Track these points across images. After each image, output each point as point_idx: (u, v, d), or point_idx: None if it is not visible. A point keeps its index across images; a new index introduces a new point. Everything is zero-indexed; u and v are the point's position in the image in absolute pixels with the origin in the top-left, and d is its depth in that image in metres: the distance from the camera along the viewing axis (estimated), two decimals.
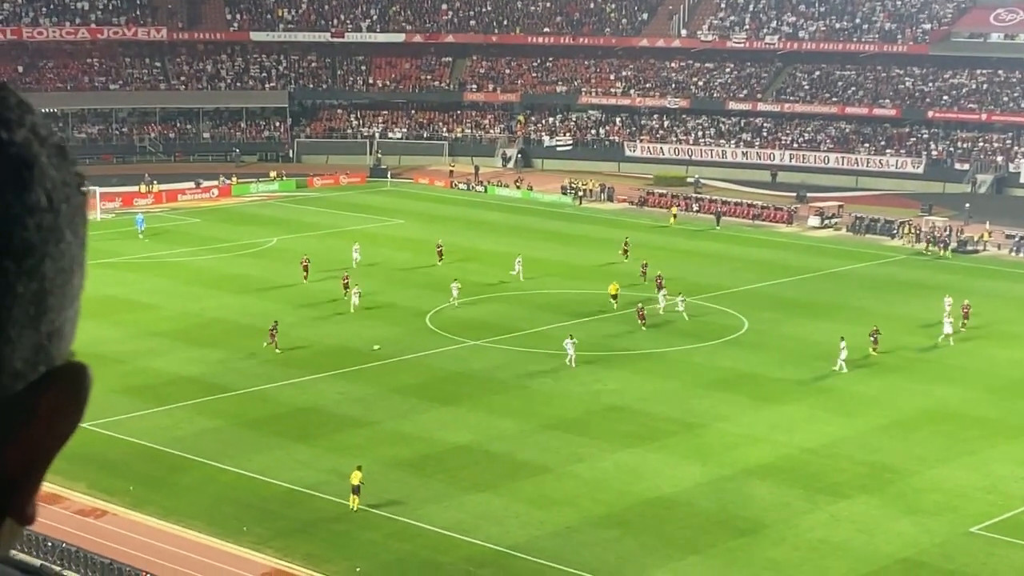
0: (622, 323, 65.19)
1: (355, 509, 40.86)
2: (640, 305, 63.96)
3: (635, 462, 46.39)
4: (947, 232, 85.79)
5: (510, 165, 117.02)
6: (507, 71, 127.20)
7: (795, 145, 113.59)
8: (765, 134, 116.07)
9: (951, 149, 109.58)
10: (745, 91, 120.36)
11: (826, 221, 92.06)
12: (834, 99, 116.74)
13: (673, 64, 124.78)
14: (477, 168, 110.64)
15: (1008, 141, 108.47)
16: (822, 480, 44.94)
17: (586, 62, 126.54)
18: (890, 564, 38.63)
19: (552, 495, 43.34)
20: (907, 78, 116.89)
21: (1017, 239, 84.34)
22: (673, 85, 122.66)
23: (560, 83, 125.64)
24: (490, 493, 43.32)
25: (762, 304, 68.94)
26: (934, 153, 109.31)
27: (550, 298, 69.84)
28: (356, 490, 40.98)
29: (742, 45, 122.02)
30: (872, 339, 58.89)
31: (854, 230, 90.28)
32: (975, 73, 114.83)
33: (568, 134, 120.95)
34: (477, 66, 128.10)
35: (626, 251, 78.72)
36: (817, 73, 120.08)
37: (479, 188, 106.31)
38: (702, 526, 41.09)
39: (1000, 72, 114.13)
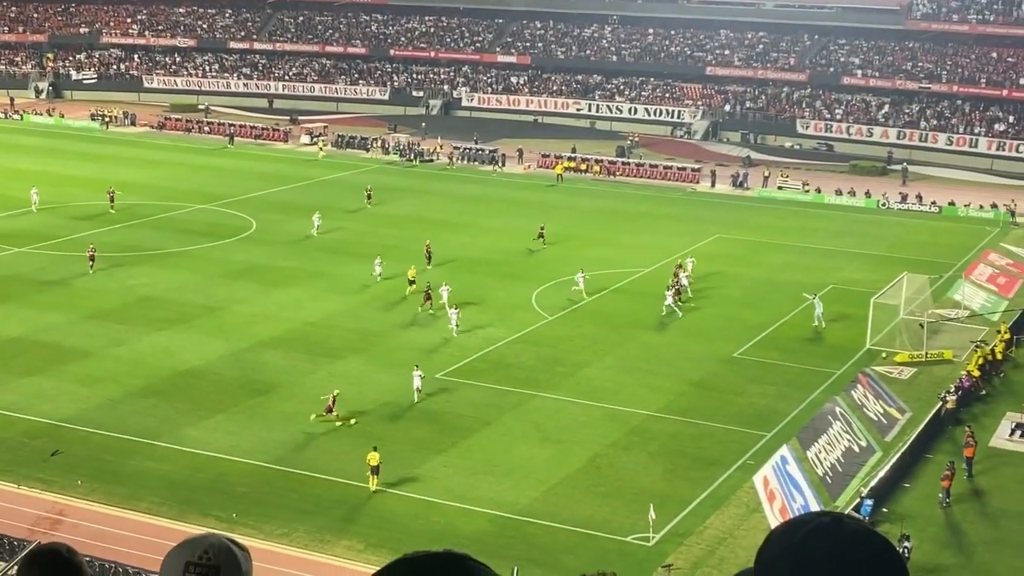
0: (145, 228, 62.64)
1: (374, 490, 33.35)
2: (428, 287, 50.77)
3: (167, 342, 45.01)
4: (410, 145, 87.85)
5: (43, 96, 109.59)
6: (35, 15, 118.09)
7: (287, 77, 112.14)
8: (262, 68, 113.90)
9: (409, 80, 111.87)
10: (243, 32, 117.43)
11: (314, 139, 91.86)
12: (316, 40, 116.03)
13: (181, 9, 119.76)
14: (12, 99, 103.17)
15: (452, 73, 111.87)
16: (322, 347, 45.34)
17: (106, 7, 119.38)
18: (377, 407, 39.66)
19: (96, 374, 41.37)
20: (373, 23, 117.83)
21: (461, 150, 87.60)
22: (182, 27, 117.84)
23: (83, 25, 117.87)
24: (41, 376, 40.83)
25: (267, 208, 68.23)
26: (396, 83, 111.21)
27: (81, 209, 65.95)
28: (375, 471, 33.46)
29: None
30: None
31: (337, 145, 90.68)
32: (424, 19, 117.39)
33: (93, 69, 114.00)
34: (7, 11, 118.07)
35: (542, 235, 60.97)
36: (301, 18, 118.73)
37: (16, 116, 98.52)
38: (226, 390, 40.53)
39: (443, 19, 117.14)
